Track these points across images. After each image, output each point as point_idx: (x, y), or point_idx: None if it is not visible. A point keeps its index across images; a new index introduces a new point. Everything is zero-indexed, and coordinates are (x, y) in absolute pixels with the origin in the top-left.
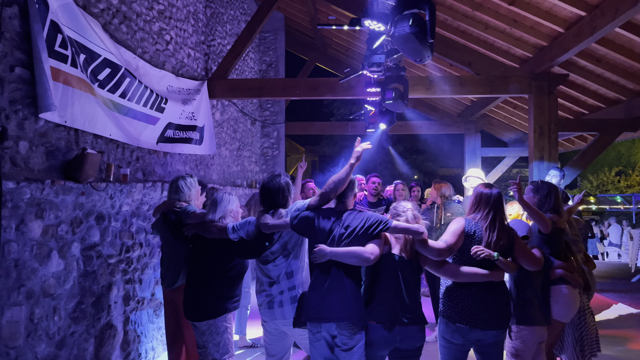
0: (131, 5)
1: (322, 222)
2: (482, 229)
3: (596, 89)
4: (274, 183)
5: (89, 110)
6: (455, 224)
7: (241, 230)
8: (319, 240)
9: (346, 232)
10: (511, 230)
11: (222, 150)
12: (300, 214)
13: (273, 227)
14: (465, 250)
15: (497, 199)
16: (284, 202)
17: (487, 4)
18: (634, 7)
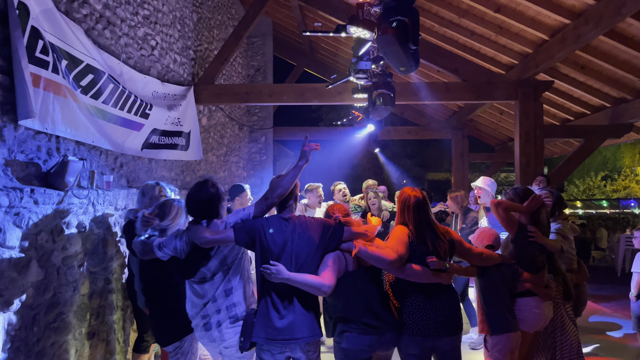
0: (115, 11)
1: (275, 234)
2: (417, 236)
3: (580, 95)
4: (204, 192)
5: (71, 116)
6: (399, 232)
7: (168, 248)
8: (272, 254)
9: (302, 245)
10: (447, 233)
11: (208, 156)
12: (246, 224)
13: (213, 242)
14: (411, 257)
15: (415, 204)
16: (216, 212)
17: (473, 11)
18: (616, 16)
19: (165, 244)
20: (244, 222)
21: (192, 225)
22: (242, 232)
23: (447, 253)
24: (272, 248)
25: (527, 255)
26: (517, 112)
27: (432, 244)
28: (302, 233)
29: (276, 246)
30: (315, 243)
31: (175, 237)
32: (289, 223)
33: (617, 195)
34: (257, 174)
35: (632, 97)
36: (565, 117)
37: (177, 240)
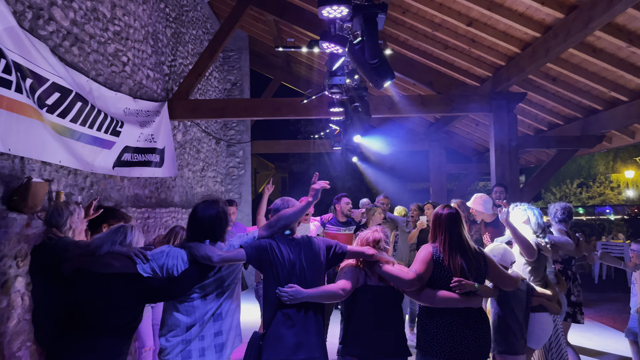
0: (84, 27)
1: (283, 253)
2: (445, 256)
3: (552, 106)
4: (212, 211)
5: (36, 136)
6: (423, 251)
7: (154, 262)
8: (280, 274)
9: (309, 265)
10: (480, 252)
11: (184, 172)
12: (258, 243)
13: (227, 260)
14: (436, 278)
15: (448, 220)
16: (222, 233)
17: (446, 25)
18: (584, 29)
19: (151, 258)
20: (255, 242)
21: (196, 244)
22: (253, 251)
23: (481, 275)
24: (283, 268)
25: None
26: (492, 123)
27: (462, 263)
28: (309, 254)
29: (286, 266)
30: (321, 263)
31: (166, 255)
32: (295, 243)
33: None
34: (235, 189)
35: (603, 107)
36: (539, 128)
37: (168, 259)
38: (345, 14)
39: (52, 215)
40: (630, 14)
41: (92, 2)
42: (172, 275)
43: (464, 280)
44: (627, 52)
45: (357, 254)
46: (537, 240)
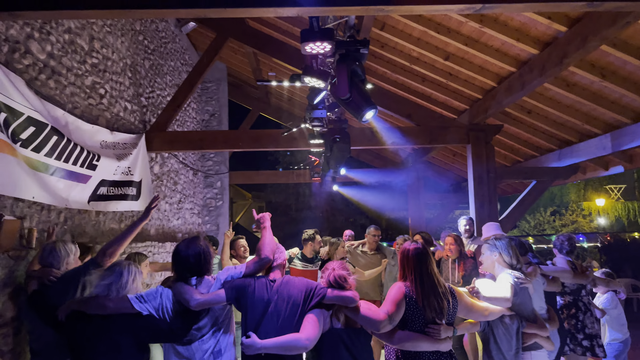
0: (61, 60)
1: (258, 292)
2: (417, 294)
3: (528, 138)
4: (194, 248)
5: (8, 172)
6: (394, 290)
7: (150, 303)
8: (254, 314)
9: (284, 304)
10: (448, 287)
11: (161, 204)
12: (235, 282)
13: (205, 304)
14: (409, 319)
15: (415, 256)
16: (207, 268)
17: (423, 59)
18: (559, 65)
19: (147, 299)
20: (235, 280)
21: (179, 285)
22: (232, 291)
23: (453, 312)
24: (255, 308)
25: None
26: (470, 155)
27: (434, 302)
28: (285, 294)
29: (259, 306)
30: (298, 304)
31: (160, 296)
32: (273, 284)
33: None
34: (212, 220)
35: (577, 139)
36: (516, 159)
37: (163, 299)
38: (327, 50)
39: (48, 255)
40: (602, 50)
41: (70, 35)
42: (170, 315)
43: (442, 326)
44: (600, 86)
45: (340, 300)
46: (514, 275)
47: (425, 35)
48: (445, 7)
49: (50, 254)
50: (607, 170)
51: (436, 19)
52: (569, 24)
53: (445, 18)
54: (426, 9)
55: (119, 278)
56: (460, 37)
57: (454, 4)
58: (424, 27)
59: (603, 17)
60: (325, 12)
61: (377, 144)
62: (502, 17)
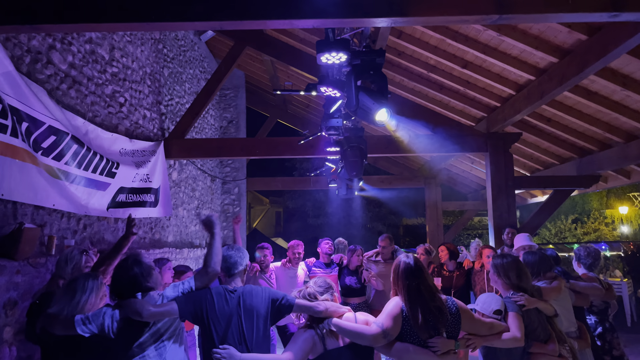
0: (82, 70)
1: (218, 306)
2: (409, 309)
3: (548, 146)
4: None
5: (30, 180)
6: (391, 304)
7: (93, 324)
8: (217, 329)
9: (248, 317)
10: (450, 303)
11: (179, 211)
12: (190, 296)
13: (157, 315)
14: (406, 335)
15: (404, 271)
16: (146, 284)
17: (441, 67)
18: (579, 74)
19: (90, 320)
20: (189, 294)
21: (126, 301)
22: (187, 305)
23: (453, 327)
24: (218, 322)
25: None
26: (488, 164)
27: (425, 317)
28: (249, 305)
29: (222, 320)
30: (262, 315)
31: (103, 315)
32: (234, 295)
33: (587, 237)
34: (230, 226)
35: (598, 148)
36: (535, 167)
37: (105, 318)
38: (343, 60)
39: (58, 264)
40: (624, 58)
41: (91, 45)
42: (109, 334)
43: (440, 339)
44: (622, 95)
45: (306, 309)
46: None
47: (443, 44)
48: (461, 17)
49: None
50: (629, 179)
51: (454, 28)
52: (589, 33)
53: (462, 26)
54: (442, 19)
55: (72, 298)
56: (478, 45)
57: (470, 15)
58: (441, 35)
59: (624, 25)
60: (340, 24)
61: (394, 152)
62: (521, 25)
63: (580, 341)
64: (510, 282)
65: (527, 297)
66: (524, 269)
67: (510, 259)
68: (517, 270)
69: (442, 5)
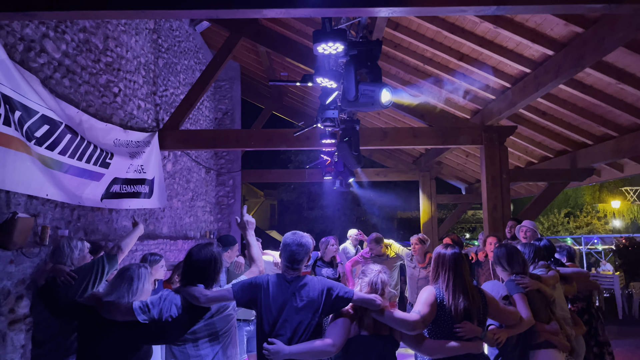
0: (75, 59)
1: (274, 292)
2: (448, 297)
3: (542, 140)
4: (206, 254)
5: (23, 170)
6: (425, 293)
7: (154, 310)
8: (268, 318)
9: (302, 307)
10: (480, 292)
11: (173, 202)
12: (245, 280)
13: (214, 300)
14: (438, 321)
15: (452, 259)
16: (215, 276)
17: (437, 59)
18: (575, 67)
19: (149, 306)
20: (245, 281)
21: (188, 287)
22: (242, 289)
23: (482, 315)
24: (270, 309)
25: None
26: (483, 156)
27: (464, 305)
28: (303, 296)
29: (274, 308)
30: (317, 307)
31: (163, 300)
32: (291, 285)
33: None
34: (224, 218)
35: (592, 142)
36: (530, 160)
37: (165, 303)
38: (340, 51)
39: (54, 253)
40: (619, 51)
41: (85, 34)
42: (166, 319)
43: (468, 325)
44: (616, 88)
45: (365, 302)
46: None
47: (439, 36)
48: (459, 8)
49: (55, 252)
50: (623, 173)
51: (450, 19)
52: (585, 25)
53: (459, 18)
54: (438, 10)
55: (130, 285)
56: (475, 37)
57: (467, 5)
58: (437, 27)
59: (620, 18)
60: (337, 14)
61: (389, 144)
62: (517, 18)
63: (576, 327)
64: (511, 270)
65: (529, 279)
66: (522, 257)
67: (508, 248)
68: (516, 258)
69: None
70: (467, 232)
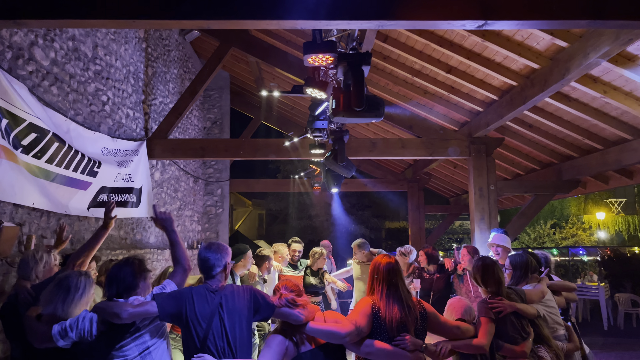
0: (64, 67)
1: (199, 306)
2: (383, 307)
3: (529, 152)
4: (122, 266)
5: (9, 178)
6: (362, 304)
7: (74, 332)
8: (197, 330)
9: (230, 317)
10: (419, 304)
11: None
12: (171, 294)
13: (135, 316)
14: (375, 332)
15: (386, 270)
16: (132, 287)
17: (425, 71)
18: (561, 81)
19: (68, 329)
20: (168, 294)
21: (103, 303)
22: (167, 304)
23: (420, 328)
24: (198, 323)
25: (502, 325)
26: (471, 168)
27: (399, 316)
28: (231, 305)
29: (202, 320)
30: (244, 315)
31: (82, 319)
32: (216, 295)
33: (565, 242)
34: (212, 228)
35: (578, 154)
36: (516, 172)
37: (84, 323)
38: (330, 63)
39: (19, 266)
40: (605, 66)
41: (74, 42)
42: (87, 339)
43: (409, 337)
44: (601, 102)
45: (285, 316)
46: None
47: (428, 48)
48: (448, 22)
49: (21, 265)
50: (607, 185)
51: (439, 33)
52: (571, 40)
53: (447, 32)
54: (428, 23)
55: (65, 295)
56: (463, 50)
57: (456, 20)
58: (426, 40)
59: (605, 33)
60: (327, 26)
61: (378, 155)
62: (504, 32)
63: (570, 344)
64: (485, 288)
65: (505, 301)
66: (498, 275)
67: (486, 262)
68: (491, 275)
69: (429, 9)
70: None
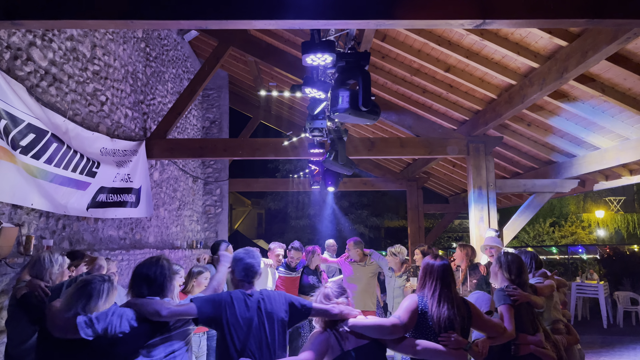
0: (62, 67)
1: (240, 310)
2: (432, 306)
3: (528, 150)
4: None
5: (8, 179)
6: (407, 300)
7: (99, 324)
8: (238, 334)
9: (268, 321)
10: (466, 304)
11: (160, 211)
12: (211, 298)
13: (175, 315)
14: (420, 329)
15: (441, 270)
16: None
17: (424, 70)
18: (559, 79)
19: (94, 321)
20: (208, 296)
21: (142, 299)
22: (206, 307)
23: (466, 327)
24: (239, 327)
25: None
26: (470, 167)
27: (448, 315)
28: (269, 309)
29: (243, 325)
30: (281, 319)
31: (112, 314)
32: (252, 299)
33: (565, 241)
34: (211, 227)
35: (577, 153)
36: (515, 171)
37: (113, 318)
38: (328, 62)
39: (34, 265)
40: (603, 64)
41: (72, 42)
42: (116, 335)
43: (454, 335)
44: (600, 100)
45: (321, 312)
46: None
47: (426, 47)
48: (446, 21)
49: (35, 265)
50: (606, 183)
51: (437, 32)
52: (569, 39)
53: (446, 31)
54: (426, 23)
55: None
56: (461, 49)
57: (455, 19)
58: (425, 39)
59: (603, 32)
60: (326, 25)
61: (377, 154)
62: (502, 31)
63: (569, 337)
64: (509, 277)
65: (521, 291)
66: (525, 267)
67: (513, 256)
68: (519, 267)
69: (427, 8)
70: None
